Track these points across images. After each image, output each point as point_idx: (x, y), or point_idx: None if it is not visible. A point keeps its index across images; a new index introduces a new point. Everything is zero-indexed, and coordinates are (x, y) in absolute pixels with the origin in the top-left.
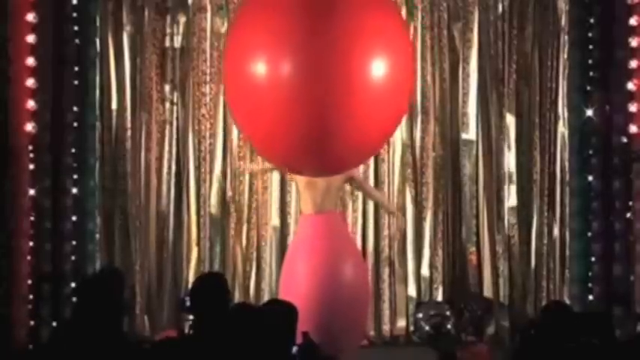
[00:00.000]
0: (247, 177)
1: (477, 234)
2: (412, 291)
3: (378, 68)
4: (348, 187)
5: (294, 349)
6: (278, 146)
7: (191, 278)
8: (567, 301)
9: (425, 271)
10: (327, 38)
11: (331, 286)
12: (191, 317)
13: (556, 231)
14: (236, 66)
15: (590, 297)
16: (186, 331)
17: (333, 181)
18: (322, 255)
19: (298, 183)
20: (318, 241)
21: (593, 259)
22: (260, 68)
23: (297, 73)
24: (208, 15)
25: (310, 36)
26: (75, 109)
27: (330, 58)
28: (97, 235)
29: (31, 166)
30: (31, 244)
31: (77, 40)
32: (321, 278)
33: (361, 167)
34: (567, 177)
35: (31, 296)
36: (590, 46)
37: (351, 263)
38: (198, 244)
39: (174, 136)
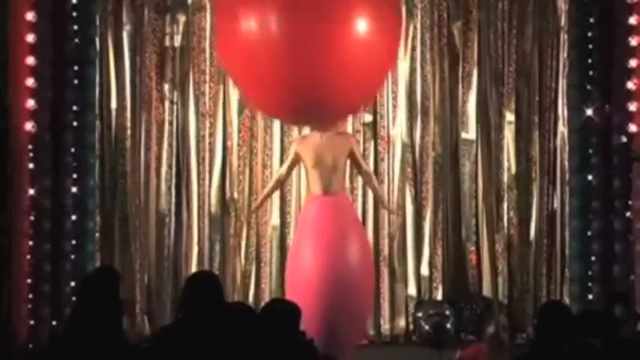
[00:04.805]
0: (247, 177)
1: (477, 233)
2: (412, 290)
3: (365, 22)
4: (348, 185)
5: None
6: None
7: None
8: (567, 301)
9: (425, 270)
10: None
11: (338, 267)
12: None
13: (556, 230)
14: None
15: (590, 297)
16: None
17: (340, 157)
18: (329, 235)
19: (306, 162)
20: (326, 221)
21: (593, 258)
22: (251, 24)
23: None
24: (208, 14)
25: None
26: (75, 108)
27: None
28: (97, 235)
29: (31, 166)
30: (30, 243)
31: (77, 40)
32: (328, 259)
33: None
34: (567, 176)
35: (31, 296)
36: (590, 46)
37: (358, 245)
38: (198, 244)
39: (174, 136)
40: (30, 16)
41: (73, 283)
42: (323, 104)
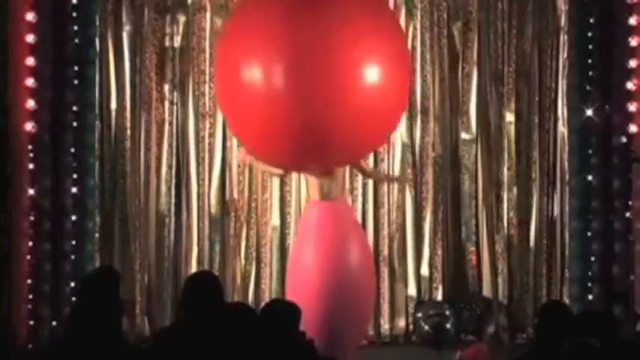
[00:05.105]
0: (247, 177)
1: (477, 233)
2: (412, 291)
3: (373, 68)
4: (348, 186)
5: None
6: (275, 148)
7: None
8: (567, 301)
9: (425, 270)
10: (318, 38)
11: (338, 272)
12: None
13: (556, 231)
14: (228, 71)
15: (590, 297)
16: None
17: (339, 168)
18: (330, 240)
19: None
20: (326, 226)
21: (592, 259)
22: (252, 72)
23: (288, 75)
24: (208, 15)
25: (300, 35)
26: (75, 108)
27: (321, 58)
28: (97, 235)
29: (31, 166)
30: (30, 243)
31: (77, 40)
32: (328, 264)
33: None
34: (567, 177)
35: (31, 296)
36: (590, 46)
37: (358, 249)
38: (198, 245)
39: (174, 136)
40: (30, 16)
41: (73, 283)
42: (327, 154)
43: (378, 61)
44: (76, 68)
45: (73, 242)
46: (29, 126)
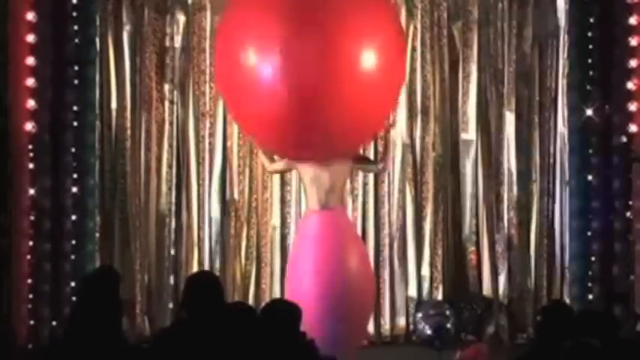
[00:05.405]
0: (247, 177)
1: (477, 233)
2: (412, 291)
3: (368, 56)
4: (348, 186)
5: None
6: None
7: None
8: (567, 301)
9: (425, 270)
10: (316, 29)
11: (337, 281)
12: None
13: (556, 231)
14: (228, 59)
15: (590, 297)
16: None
17: (338, 177)
18: (328, 250)
19: (304, 179)
20: (324, 236)
21: (593, 258)
22: (251, 60)
23: (287, 64)
24: (208, 14)
25: (299, 27)
26: (75, 108)
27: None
28: (97, 235)
29: (31, 166)
30: (30, 243)
31: (77, 40)
32: (327, 273)
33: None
34: (567, 177)
35: (31, 296)
36: (590, 46)
37: (356, 258)
38: (198, 244)
39: (174, 136)
40: (30, 16)
41: (73, 283)
42: (326, 141)
43: (374, 47)
44: (76, 68)
45: (73, 242)
46: (29, 126)
